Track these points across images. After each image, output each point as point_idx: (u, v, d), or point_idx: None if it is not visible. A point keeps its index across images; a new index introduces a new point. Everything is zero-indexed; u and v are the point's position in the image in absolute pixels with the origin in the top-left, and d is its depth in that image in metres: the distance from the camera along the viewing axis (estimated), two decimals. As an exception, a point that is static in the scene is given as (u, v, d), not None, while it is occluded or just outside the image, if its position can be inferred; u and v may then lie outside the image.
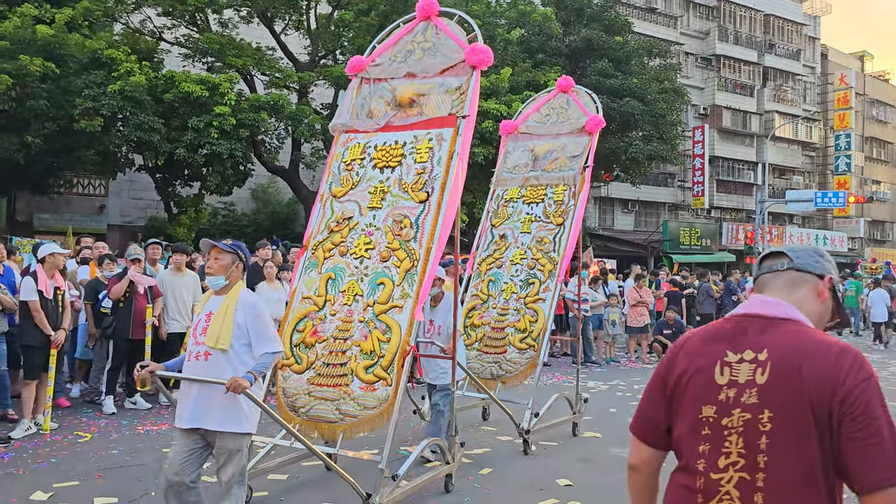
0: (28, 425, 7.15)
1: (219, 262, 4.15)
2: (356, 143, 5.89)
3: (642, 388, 7.53)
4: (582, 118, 8.02)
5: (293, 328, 5.45)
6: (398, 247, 5.38)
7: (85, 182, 24.66)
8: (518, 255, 7.93)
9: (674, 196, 38.42)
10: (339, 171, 5.87)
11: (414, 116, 5.71)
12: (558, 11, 23.55)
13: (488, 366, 7.68)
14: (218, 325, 4.04)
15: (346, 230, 5.63)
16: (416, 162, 5.59)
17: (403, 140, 5.71)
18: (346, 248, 5.56)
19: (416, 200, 5.47)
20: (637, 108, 22.08)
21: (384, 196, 5.59)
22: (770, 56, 41.99)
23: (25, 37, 15.94)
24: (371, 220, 5.57)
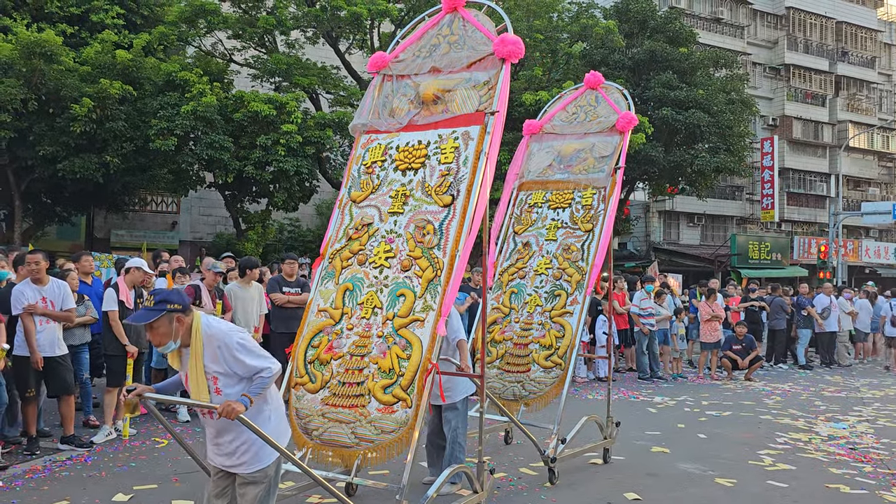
0: (109, 431, 7.46)
1: (157, 332, 3.56)
2: (377, 145, 5.51)
3: (711, 405, 7.44)
4: (612, 116, 7.37)
5: (308, 343, 5.07)
6: (420, 255, 4.98)
7: (158, 200, 25.60)
8: (543, 264, 7.31)
9: (742, 209, 37.48)
10: (360, 174, 5.49)
11: (438, 114, 5.32)
12: (621, 24, 23.37)
13: (510, 385, 7.02)
14: (194, 384, 3.60)
15: (366, 237, 5.24)
16: (441, 163, 5.19)
17: (427, 140, 5.31)
18: (365, 257, 5.17)
19: (441, 204, 5.06)
20: (703, 119, 21.69)
21: (406, 200, 5.20)
22: (843, 64, 40.71)
23: (105, 61, 16.72)
24: (392, 226, 5.18)
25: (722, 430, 8.84)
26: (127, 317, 7.53)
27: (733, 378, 13.60)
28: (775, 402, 11.08)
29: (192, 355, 3.57)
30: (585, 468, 6.93)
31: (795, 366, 15.97)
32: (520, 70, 21.34)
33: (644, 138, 19.50)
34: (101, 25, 18.18)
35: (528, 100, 18.92)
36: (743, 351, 13.67)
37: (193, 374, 3.58)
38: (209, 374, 3.58)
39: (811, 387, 13.00)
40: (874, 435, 8.82)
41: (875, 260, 39.07)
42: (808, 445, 8.15)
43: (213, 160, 17.06)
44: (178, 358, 3.68)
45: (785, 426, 9.22)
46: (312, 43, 21.49)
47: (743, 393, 12.01)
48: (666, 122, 21.54)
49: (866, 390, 12.79)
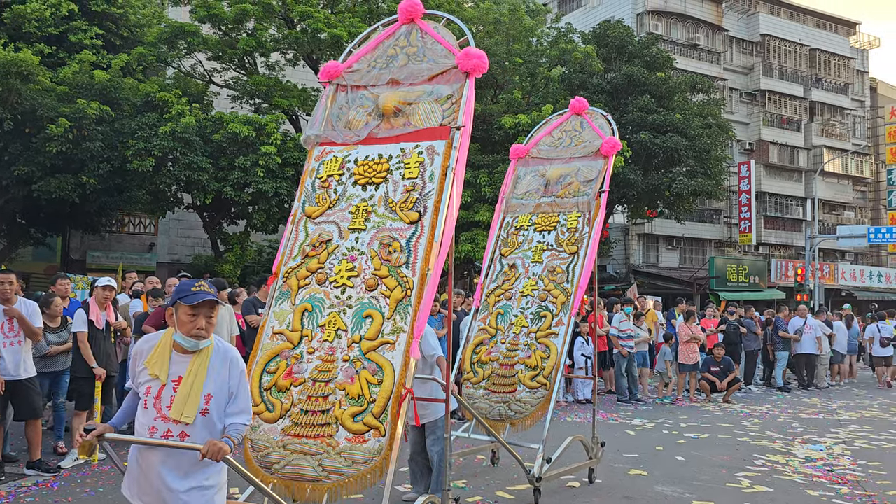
0: (77, 455, 7.28)
1: (211, 320, 3.35)
2: (333, 157, 5.24)
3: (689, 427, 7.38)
4: (596, 141, 7.53)
5: (262, 369, 4.71)
6: (387, 274, 4.74)
7: (136, 221, 25.40)
8: (529, 286, 7.36)
9: (720, 232, 37.85)
10: (314, 188, 5.21)
11: (400, 127, 5.13)
12: (599, 49, 23.67)
13: (496, 406, 7.01)
14: (181, 396, 3.26)
15: (325, 254, 4.95)
16: (405, 178, 4.99)
17: (388, 153, 5.10)
18: (325, 276, 4.88)
19: (407, 221, 4.85)
20: (680, 143, 21.94)
21: (368, 216, 4.97)
22: (817, 90, 41.46)
23: (83, 81, 16.64)
24: (353, 243, 4.92)
25: (700, 453, 8.82)
26: (97, 340, 7.43)
27: (711, 400, 13.61)
28: (753, 424, 11.09)
29: (195, 362, 3.28)
30: (562, 491, 6.87)
31: (772, 388, 16.02)
32: (499, 94, 21.51)
33: (623, 161, 19.68)
34: (80, 46, 18.14)
35: (508, 123, 19.04)
36: (721, 373, 13.70)
37: (186, 385, 3.25)
38: (204, 391, 3.28)
39: (789, 409, 13.04)
40: (851, 457, 8.84)
41: (851, 283, 39.54)
42: (786, 467, 8.14)
43: (191, 181, 16.96)
44: (166, 361, 3.29)
45: (763, 448, 9.22)
46: (293, 65, 21.54)
47: (721, 415, 12.01)
48: (644, 145, 21.76)
49: (843, 412, 12.84)
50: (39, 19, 17.63)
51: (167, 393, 3.25)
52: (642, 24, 35.24)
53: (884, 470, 8.08)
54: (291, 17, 19.79)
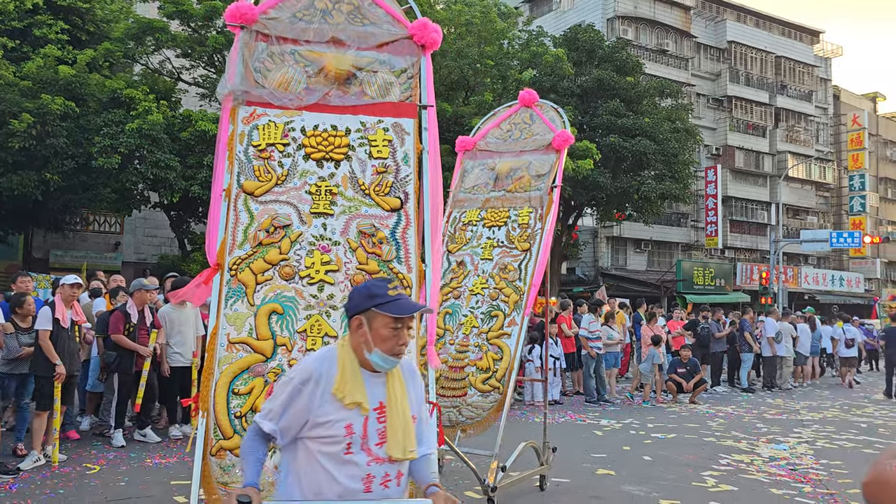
0: (37, 457, 7.13)
1: (410, 331, 2.61)
2: (270, 122, 4.38)
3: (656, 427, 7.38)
4: (548, 134, 7.12)
5: (228, 390, 3.87)
6: (377, 269, 4.22)
7: (101, 219, 24.97)
8: (479, 284, 6.93)
9: (687, 236, 38.33)
10: (249, 157, 4.31)
11: (354, 97, 4.46)
12: (570, 52, 23.84)
13: (446, 411, 6.51)
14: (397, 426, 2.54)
15: (286, 243, 4.18)
16: (373, 157, 4.40)
17: (345, 126, 4.42)
18: (293, 269, 4.15)
19: (386, 208, 4.34)
20: (649, 147, 22.18)
21: (333, 199, 4.31)
22: (782, 97, 42.20)
23: (47, 76, 16.33)
24: (321, 230, 4.25)
25: (667, 452, 8.91)
26: (62, 339, 7.28)
27: (678, 401, 13.76)
28: (719, 425, 11.23)
29: (392, 382, 2.58)
30: (531, 492, 6.88)
31: (738, 388, 16.25)
32: (470, 95, 21.53)
33: (592, 164, 19.83)
34: (44, 40, 17.79)
35: (478, 124, 19.03)
36: (687, 374, 13.86)
37: (397, 412, 2.55)
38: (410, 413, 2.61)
39: (753, 409, 13.23)
40: (813, 456, 8.99)
41: (814, 286, 40.29)
42: (751, 467, 8.25)
43: (158, 179, 16.72)
44: (363, 385, 2.52)
45: (728, 448, 9.33)
46: (263, 63, 21.34)
47: (687, 415, 12.15)
48: (613, 148, 21.95)
49: (806, 413, 13.07)
50: (2, 12, 17.27)
51: (372, 427, 2.50)
52: (612, 28, 35.57)
53: (845, 469, 8.23)
54: (262, 15, 19.61)
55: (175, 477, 6.80)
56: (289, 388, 2.49)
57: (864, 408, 14.05)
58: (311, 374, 2.49)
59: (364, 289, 2.60)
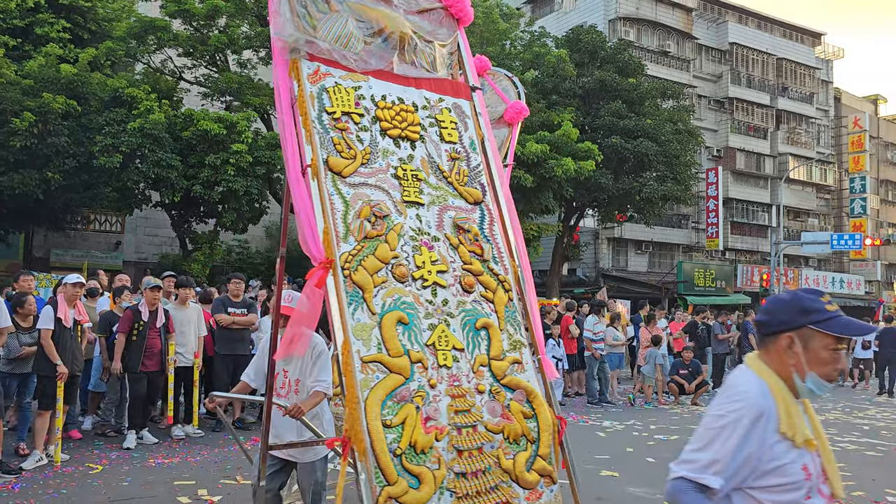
0: (40, 457, 7.11)
1: None
2: (336, 85, 3.58)
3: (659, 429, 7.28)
4: (499, 106, 6.19)
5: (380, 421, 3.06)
6: (481, 270, 3.65)
7: (102, 219, 24.94)
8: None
9: (688, 238, 38.31)
10: (326, 127, 3.49)
11: (412, 67, 3.84)
12: (572, 53, 23.83)
13: None
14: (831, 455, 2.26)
15: (393, 236, 3.47)
16: (444, 140, 3.81)
17: (412, 100, 3.79)
18: (406, 269, 3.44)
19: (470, 200, 3.79)
20: (651, 148, 22.16)
21: (419, 186, 3.65)
22: (783, 99, 42.18)
23: (49, 75, 16.31)
24: (417, 222, 3.58)
25: (670, 454, 8.85)
26: (64, 338, 7.25)
27: (680, 402, 13.74)
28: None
29: (808, 407, 2.28)
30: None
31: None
32: (473, 96, 21.52)
33: (594, 165, 19.82)
34: (46, 39, 17.77)
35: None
36: (689, 376, 13.83)
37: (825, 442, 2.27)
38: None
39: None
40: (816, 458, 8.98)
41: (814, 288, 40.19)
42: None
43: (159, 178, 16.69)
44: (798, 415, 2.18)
45: (731, 450, 9.31)
46: (265, 63, 21.33)
47: (690, 417, 12.12)
48: (615, 150, 21.93)
49: (808, 415, 13.06)
50: (4, 10, 17.24)
51: (818, 464, 2.19)
52: (614, 30, 35.55)
53: (848, 471, 8.21)
54: (264, 15, 19.59)
55: (178, 477, 6.78)
56: (738, 432, 2.05)
57: (865, 410, 14.03)
58: (762, 411, 2.07)
59: (794, 301, 2.21)
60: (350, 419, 3.05)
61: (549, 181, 19.21)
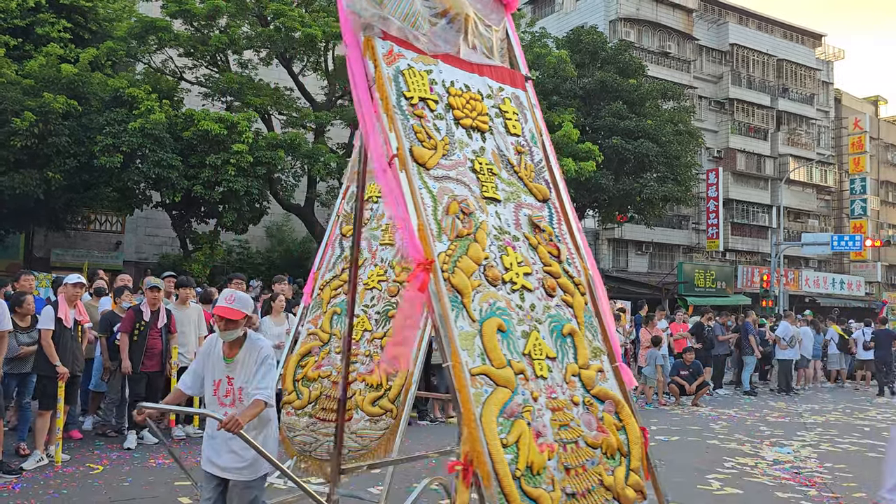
0: (40, 457, 7.10)
1: None
2: (409, 68, 3.34)
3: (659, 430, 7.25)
4: None
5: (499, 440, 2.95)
6: (560, 272, 3.52)
7: (102, 219, 24.93)
8: (376, 276, 5.37)
9: (688, 238, 38.31)
10: (405, 113, 3.27)
11: (477, 54, 3.66)
12: (573, 54, 23.83)
13: (325, 440, 4.95)
14: None
15: (482, 235, 3.27)
16: (510, 133, 3.64)
17: (477, 88, 3.59)
18: (497, 272, 3.25)
19: (539, 197, 3.66)
20: (651, 149, 22.16)
21: (494, 181, 3.49)
22: (783, 100, 42.19)
23: (50, 75, 16.30)
24: (497, 220, 3.41)
25: (671, 455, 8.87)
26: (64, 339, 7.25)
27: (680, 403, 13.73)
28: (722, 427, 11.21)
29: None
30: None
31: (740, 390, 16.23)
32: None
33: (594, 166, 19.81)
34: (47, 38, 17.76)
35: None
36: (690, 377, 13.83)
37: None
38: None
39: (756, 412, 13.20)
40: (817, 459, 8.96)
41: (814, 289, 40.27)
42: (755, 470, 8.22)
43: (160, 178, 16.69)
44: None
45: (732, 451, 9.31)
46: (266, 64, 21.34)
47: (690, 418, 12.12)
48: (616, 150, 21.93)
49: (809, 415, 13.04)
50: (5, 10, 17.24)
51: None
52: (615, 30, 35.57)
53: (849, 472, 8.21)
54: (265, 15, 19.61)
55: (178, 477, 6.76)
56: None
57: (866, 411, 14.02)
58: None
59: None
60: (469, 440, 2.80)
61: (550, 182, 19.20)
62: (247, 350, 4.07)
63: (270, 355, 4.05)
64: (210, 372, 4.15)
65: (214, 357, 4.14)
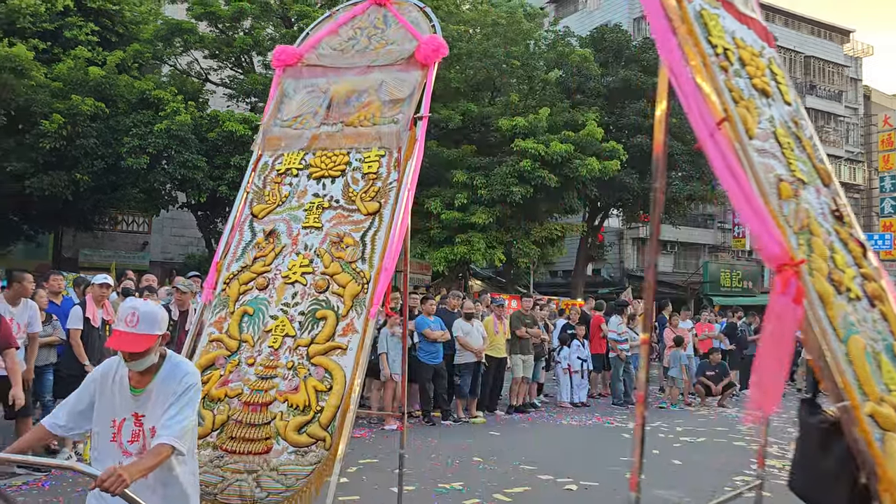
0: (68, 454, 7.19)
1: None
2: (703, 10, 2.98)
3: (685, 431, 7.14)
4: (409, 43, 5.00)
5: None
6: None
7: (129, 219, 25.25)
8: (298, 266, 4.55)
9: (714, 237, 37.92)
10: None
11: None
12: (596, 53, 23.68)
13: (235, 479, 3.90)
14: None
15: (817, 227, 2.81)
16: (784, 102, 3.30)
17: (751, 42, 3.31)
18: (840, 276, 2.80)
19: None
20: (676, 147, 21.94)
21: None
22: (811, 97, 41.60)
23: (78, 78, 16.54)
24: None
25: (697, 457, 8.78)
26: (92, 338, 7.33)
27: (706, 404, 13.59)
28: (749, 429, 11.07)
29: None
30: (560, 496, 6.81)
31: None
32: (496, 96, 21.47)
33: (619, 165, 19.68)
34: (75, 42, 18.01)
35: (505, 125, 19.01)
36: (716, 377, 13.68)
37: None
38: None
39: (783, 413, 13.03)
40: (847, 462, 8.81)
41: (843, 289, 39.64)
42: (783, 472, 8.11)
43: (186, 179, 16.86)
44: None
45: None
46: (289, 64, 21.43)
47: (716, 419, 11.99)
48: (640, 149, 21.76)
49: (838, 418, 12.84)
50: (34, 14, 17.50)
51: None
52: (639, 28, 35.32)
53: None
54: (289, 17, 19.73)
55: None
56: None
57: None
58: None
59: None
60: None
61: (574, 181, 19.10)
62: (164, 378, 3.04)
63: (195, 385, 3.06)
64: (107, 407, 3.05)
65: (116, 386, 3.06)
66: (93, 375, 3.16)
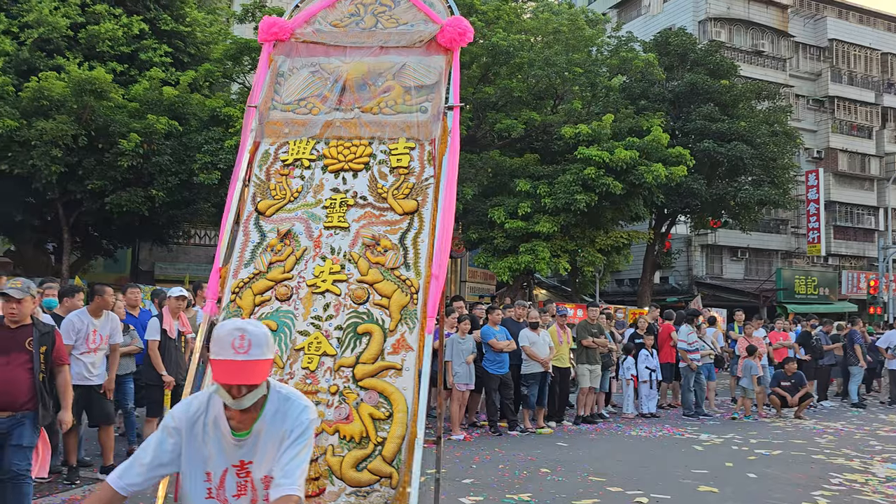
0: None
1: None
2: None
3: (759, 443, 6.92)
4: (426, 24, 4.56)
5: None
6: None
7: (201, 233, 26.05)
8: (328, 273, 3.99)
9: (787, 243, 36.74)
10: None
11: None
12: (661, 57, 23.32)
13: None
14: None
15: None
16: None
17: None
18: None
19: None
20: (746, 151, 21.42)
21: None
22: (889, 96, 39.98)
23: (153, 98, 17.19)
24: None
25: (772, 470, 8.51)
26: (169, 349, 7.60)
27: (782, 416, 13.15)
28: (828, 442, 10.66)
29: None
30: (630, 507, 6.70)
31: (848, 403, 15.41)
32: (559, 104, 21.35)
33: (685, 171, 19.31)
34: (150, 63, 18.72)
35: (568, 133, 18.88)
36: (792, 388, 13.22)
37: None
38: None
39: (865, 426, 12.50)
40: (935, 477, 8.40)
41: (928, 295, 37.85)
42: (865, 487, 7.78)
43: (255, 194, 17.28)
44: None
45: (839, 466, 8.83)
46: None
47: (793, 431, 11.59)
48: (708, 154, 21.33)
49: (924, 430, 12.25)
50: (112, 39, 18.29)
51: None
52: (704, 31, 34.62)
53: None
54: (352, 32, 20.07)
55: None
56: None
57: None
58: None
59: None
60: None
61: (639, 188, 18.81)
62: (274, 414, 2.50)
63: (314, 420, 2.56)
64: (197, 459, 2.52)
65: (210, 432, 2.51)
66: (171, 424, 2.53)
